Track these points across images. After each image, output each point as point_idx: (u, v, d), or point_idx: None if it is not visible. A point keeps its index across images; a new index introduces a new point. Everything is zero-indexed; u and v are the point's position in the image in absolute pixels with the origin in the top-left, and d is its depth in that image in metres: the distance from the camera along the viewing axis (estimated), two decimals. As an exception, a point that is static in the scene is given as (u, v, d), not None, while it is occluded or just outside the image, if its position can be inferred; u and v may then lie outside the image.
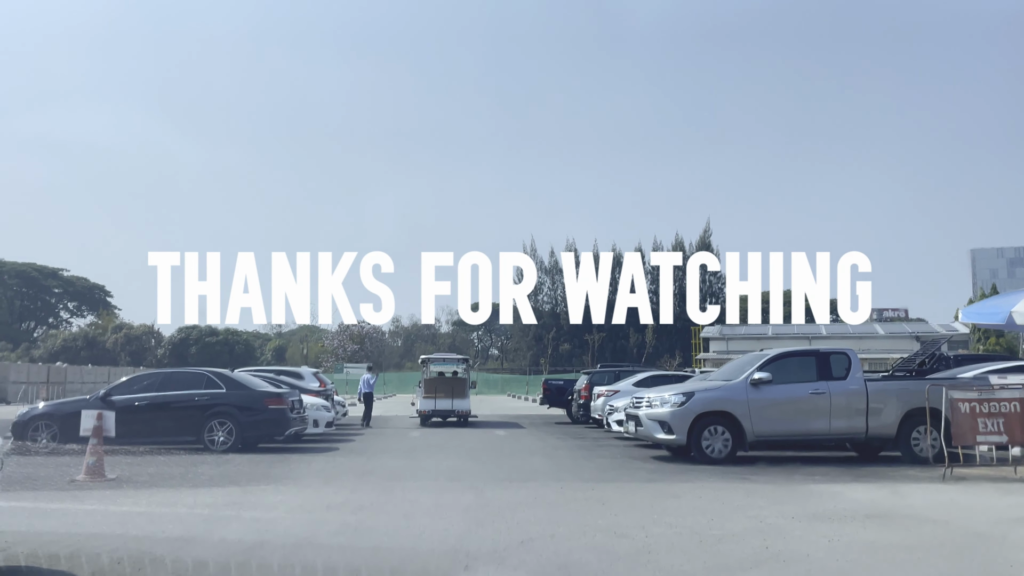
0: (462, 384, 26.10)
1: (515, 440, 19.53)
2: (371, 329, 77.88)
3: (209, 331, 78.23)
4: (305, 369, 24.63)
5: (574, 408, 25.61)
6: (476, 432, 22.45)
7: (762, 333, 70.27)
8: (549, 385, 27.48)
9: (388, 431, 23.13)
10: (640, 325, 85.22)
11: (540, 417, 30.50)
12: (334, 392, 24.35)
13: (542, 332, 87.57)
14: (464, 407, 25.33)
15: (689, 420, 13.51)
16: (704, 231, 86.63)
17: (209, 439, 15.82)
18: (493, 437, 20.59)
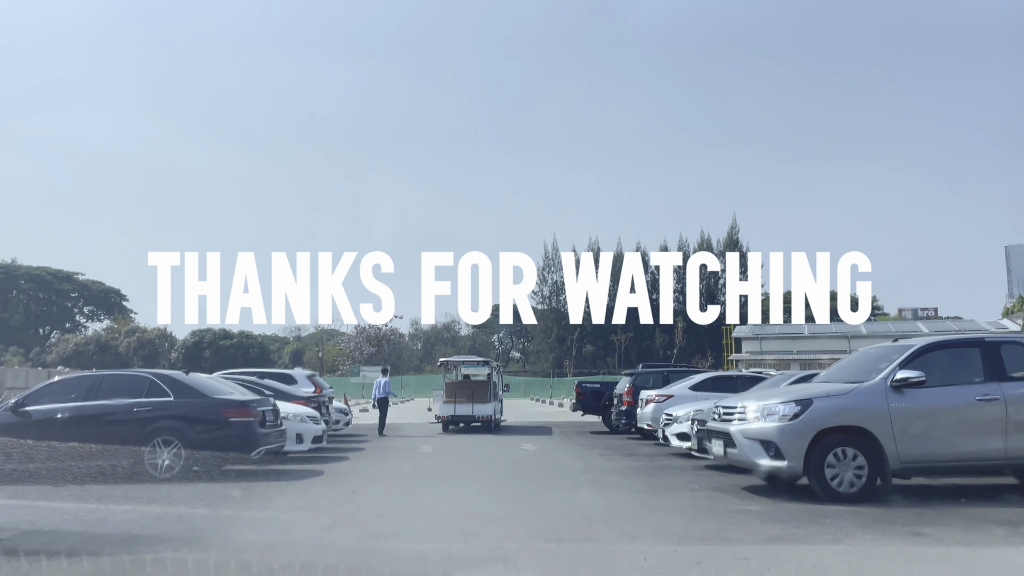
0: (483, 388, 23.52)
1: (548, 457, 15.33)
2: (388, 331, 73.95)
3: (223, 334, 74.69)
4: (299, 371, 20.57)
5: (613, 415, 21.36)
6: (499, 445, 18.29)
7: (797, 332, 65.59)
8: (583, 389, 23.20)
9: (395, 444, 19.03)
10: (665, 325, 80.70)
11: (571, 425, 26.25)
12: (330, 399, 20.27)
13: (565, 334, 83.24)
14: (485, 412, 22.95)
15: (807, 439, 9.25)
16: (731, 227, 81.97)
17: (151, 463, 11.77)
18: (520, 453, 16.41)
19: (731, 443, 9.89)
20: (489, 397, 23.12)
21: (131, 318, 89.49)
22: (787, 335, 64.87)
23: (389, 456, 15.88)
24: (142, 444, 11.82)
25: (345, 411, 22.44)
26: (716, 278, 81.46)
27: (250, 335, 78.95)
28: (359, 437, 21.33)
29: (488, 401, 22.97)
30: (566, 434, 22.09)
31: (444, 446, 18.37)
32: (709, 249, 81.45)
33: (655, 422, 17.30)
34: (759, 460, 9.50)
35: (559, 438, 20.59)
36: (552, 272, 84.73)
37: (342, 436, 21.37)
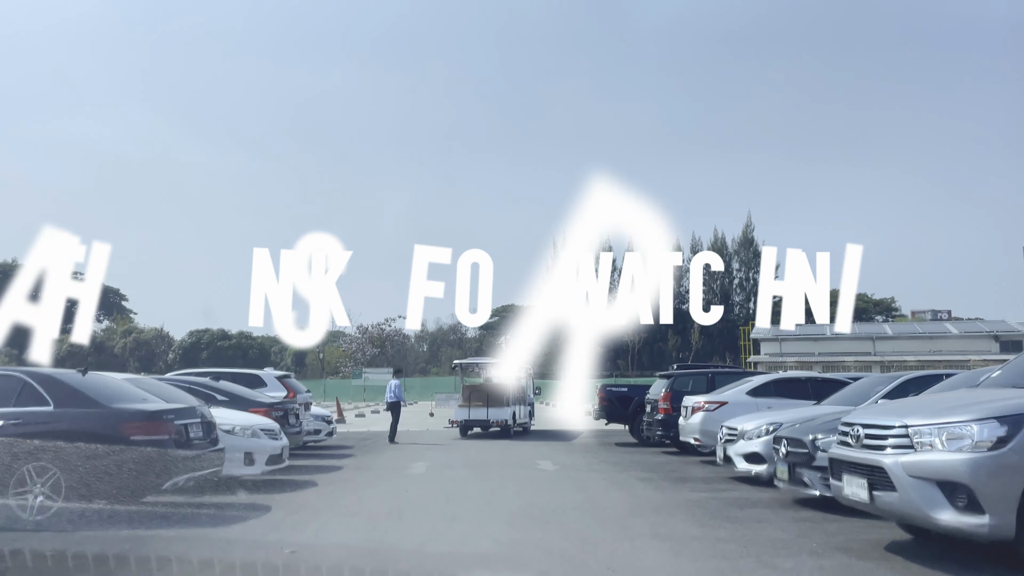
0: (500, 391, 21.78)
1: (575, 484, 11.61)
2: (392, 331, 70.24)
3: (221, 334, 71.20)
4: (268, 372, 16.85)
5: (644, 425, 17.61)
6: (510, 462, 14.60)
7: (819, 334, 61.49)
8: (609, 394, 19.39)
9: (383, 460, 15.41)
10: (678, 326, 76.90)
11: (592, 434, 22.53)
12: (307, 404, 16.62)
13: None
14: (501, 416, 21.16)
15: (1021, 481, 5.55)
16: (746, 225, 78.14)
17: (18, 501, 8.14)
18: (537, 476, 12.71)
19: (884, 483, 6.14)
20: (507, 401, 21.30)
21: (131, 318, 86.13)
22: (808, 336, 60.91)
23: (367, 481, 12.20)
24: (8, 476, 8.20)
25: (328, 418, 18.77)
26: (729, 277, 77.67)
27: (249, 336, 75.46)
28: (342, 450, 17.66)
29: (506, 405, 21.16)
30: (588, 447, 18.39)
31: (443, 463, 14.68)
32: (723, 247, 77.67)
33: (706, 436, 13.60)
34: (937, 513, 5.76)
35: (582, 452, 16.90)
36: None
37: (322, 449, 17.71)
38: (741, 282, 77.53)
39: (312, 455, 16.03)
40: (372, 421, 31.09)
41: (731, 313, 77.94)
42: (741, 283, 77.56)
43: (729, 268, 77.40)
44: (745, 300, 77.83)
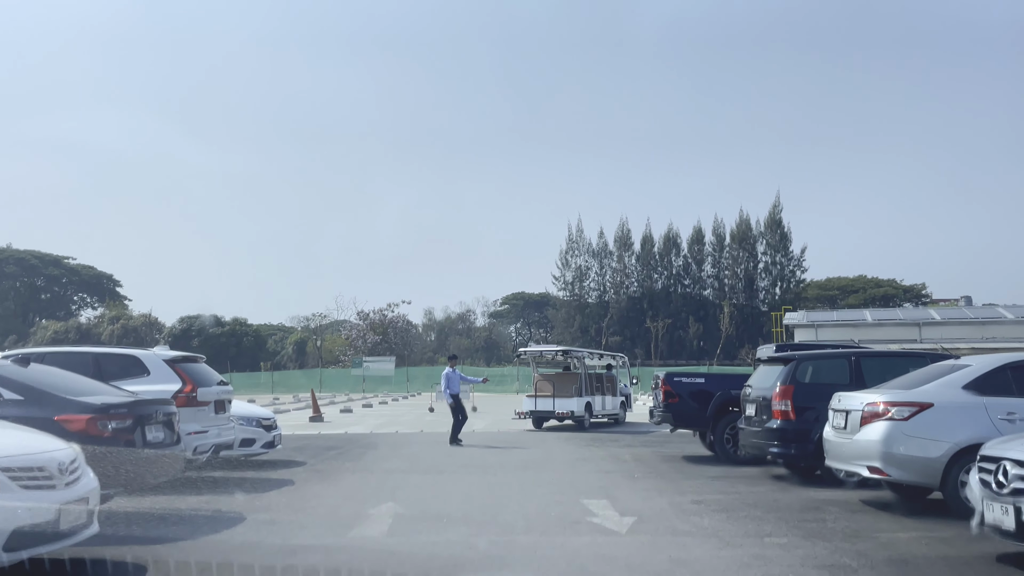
0: (569, 381, 20.49)
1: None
2: (395, 317, 63.89)
3: (214, 321, 65.03)
4: (154, 353, 10.33)
5: (745, 435, 11.10)
6: (545, 510, 8.22)
7: (859, 319, 54.79)
8: (677, 385, 12.75)
9: (324, 503, 9.07)
10: (700, 314, 70.43)
11: (637, 437, 16.24)
12: (221, 403, 10.27)
13: (588, 323, 73.00)
14: (567, 408, 19.72)
15: None
16: (773, 206, 71.25)
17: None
18: (594, 550, 6.35)
19: None
20: (577, 391, 19.88)
21: (125, 305, 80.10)
22: (847, 322, 54.23)
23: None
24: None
25: (268, 421, 12.48)
26: (753, 261, 70.95)
27: (244, 323, 69.14)
28: (281, 468, 11.39)
29: (575, 395, 19.75)
30: (653, 467, 12.01)
31: (420, 511, 8.34)
32: (748, 230, 70.86)
33: (898, 465, 7.30)
34: None
35: (651, 480, 10.52)
36: (576, 256, 74.32)
37: (255, 466, 11.44)
38: (767, 266, 70.77)
39: (242, 472, 9.73)
40: (360, 417, 24.81)
41: (755, 299, 71.39)
42: (767, 267, 70.80)
43: (754, 251, 70.69)
44: (771, 285, 71.11)
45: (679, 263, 73.08)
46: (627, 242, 73.67)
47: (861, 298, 78.53)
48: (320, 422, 22.40)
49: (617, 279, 73.34)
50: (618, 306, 71.30)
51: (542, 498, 8.95)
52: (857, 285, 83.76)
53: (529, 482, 10.28)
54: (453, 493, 9.49)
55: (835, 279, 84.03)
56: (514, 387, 54.34)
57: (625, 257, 73.55)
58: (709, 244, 72.37)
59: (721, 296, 71.17)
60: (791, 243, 70.59)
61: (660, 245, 73.06)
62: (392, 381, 53.89)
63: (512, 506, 8.42)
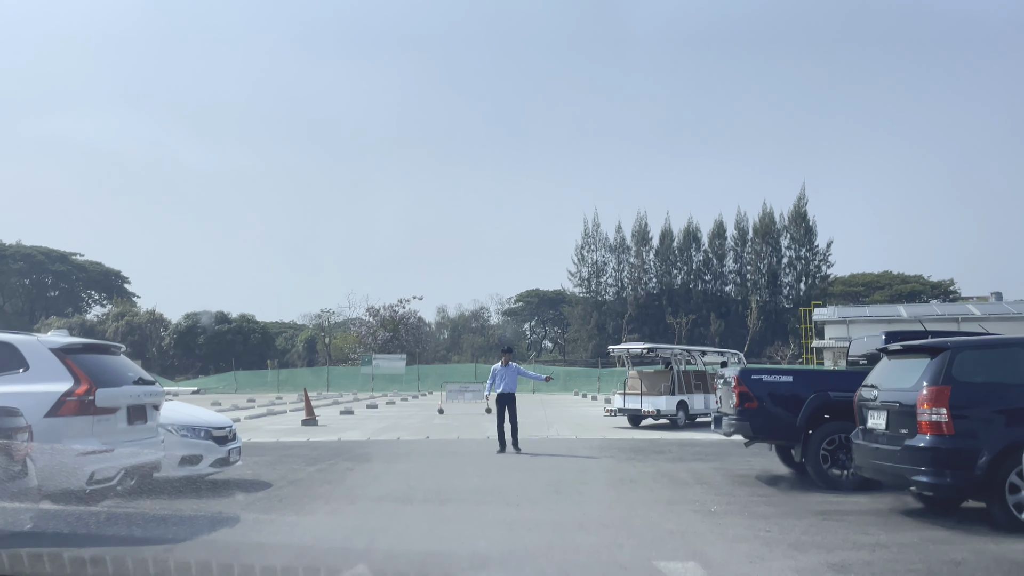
0: (659, 379, 19.61)
1: None
2: (406, 313, 60.87)
3: (220, 317, 62.26)
4: (37, 340, 7.19)
5: (853, 450, 7.98)
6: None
7: (893, 315, 51.34)
8: (756, 386, 9.45)
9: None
10: (721, 311, 67.07)
11: (695, 454, 13.13)
12: (131, 409, 7.24)
13: (606, 320, 69.75)
14: (655, 406, 18.68)
15: None
16: (799, 198, 67.63)
17: None
18: None
19: None
20: (668, 389, 19.20)
21: (133, 302, 77.58)
22: (881, 318, 50.80)
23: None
24: None
25: (222, 432, 9.40)
26: (777, 256, 67.46)
27: (252, 319, 66.27)
28: (231, 495, 8.36)
29: (664, 394, 19.06)
30: (725, 492, 8.88)
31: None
32: (771, 224, 67.39)
33: None
34: None
35: (742, 520, 7.37)
36: (592, 251, 71.08)
37: (197, 492, 8.39)
38: (791, 261, 67.22)
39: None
40: (361, 420, 21.80)
41: (779, 295, 67.94)
42: (791, 262, 67.24)
43: (777, 245, 67.19)
44: (796, 280, 67.56)
45: (699, 258, 69.73)
46: (645, 236, 70.39)
47: (887, 295, 74.87)
48: (313, 426, 19.41)
49: (635, 275, 70.07)
50: (636, 302, 67.99)
51: (592, 555, 5.86)
52: (882, 281, 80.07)
53: (568, 522, 7.18)
54: (458, 544, 6.40)
55: (859, 275, 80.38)
56: (530, 386, 51.27)
57: (643, 252, 70.26)
58: (731, 238, 69.02)
59: (744, 292, 67.79)
60: (816, 237, 67.08)
61: (680, 239, 69.76)
62: (403, 380, 50.95)
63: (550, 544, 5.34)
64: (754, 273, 67.74)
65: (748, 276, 68.31)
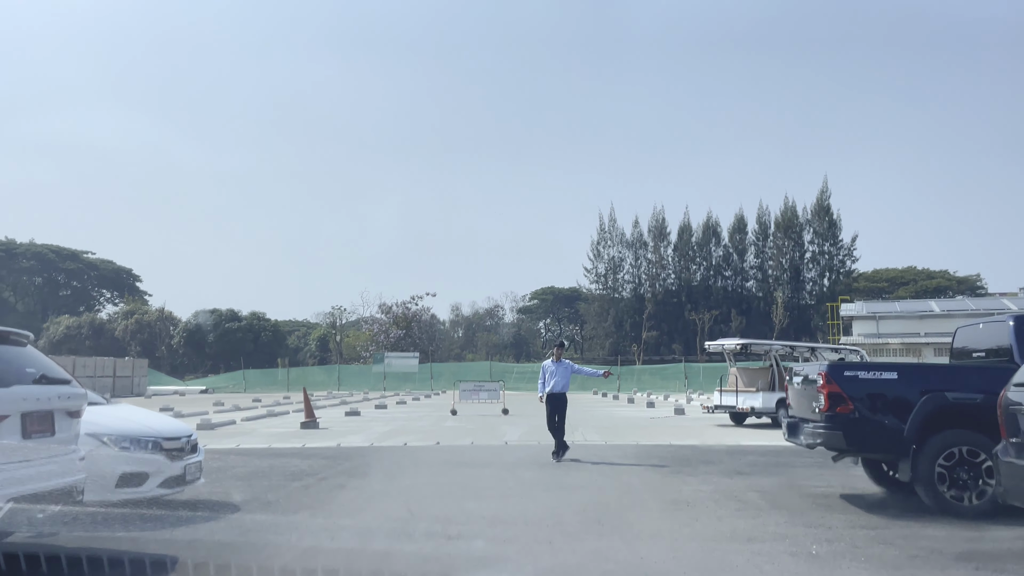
0: (757, 376, 18.57)
1: None
2: (419, 310, 58.91)
3: (230, 315, 60.58)
4: None
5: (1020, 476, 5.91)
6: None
7: (924, 310, 48.94)
8: (851, 384, 7.13)
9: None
10: (743, 307, 64.72)
11: (750, 464, 11.07)
12: (40, 415, 5.27)
13: (623, 317, 67.53)
14: (749, 403, 17.63)
15: None
16: (821, 191, 65.15)
17: None
18: None
19: None
20: (767, 386, 18.04)
21: (145, 300, 76.20)
22: (911, 313, 48.42)
23: None
24: None
25: (178, 444, 7.41)
26: (800, 250, 65.02)
27: (263, 317, 64.53)
28: (176, 528, 6.34)
29: (763, 390, 17.88)
30: (813, 521, 6.80)
31: None
32: (793, 218, 64.97)
33: None
34: None
35: (861, 571, 5.30)
36: (608, 247, 68.91)
37: (138, 523, 6.38)
38: (814, 255, 64.76)
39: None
40: (366, 422, 19.83)
41: (802, 290, 65.49)
42: (814, 257, 64.78)
43: (800, 240, 64.72)
44: (819, 276, 65.10)
45: (719, 253, 67.42)
46: (663, 231, 68.16)
47: (912, 290, 72.24)
48: (313, 429, 17.47)
49: (653, 271, 67.86)
50: (654, 299, 65.74)
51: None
52: (907, 277, 77.41)
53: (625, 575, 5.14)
54: None
55: (883, 271, 77.78)
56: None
57: (661, 247, 68.03)
58: (752, 233, 66.66)
59: (765, 288, 65.43)
60: (840, 231, 64.57)
61: (699, 235, 67.49)
62: (415, 379, 49.04)
63: None
64: (776, 268, 65.36)
65: (770, 271, 65.95)
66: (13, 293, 77.76)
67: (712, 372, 48.51)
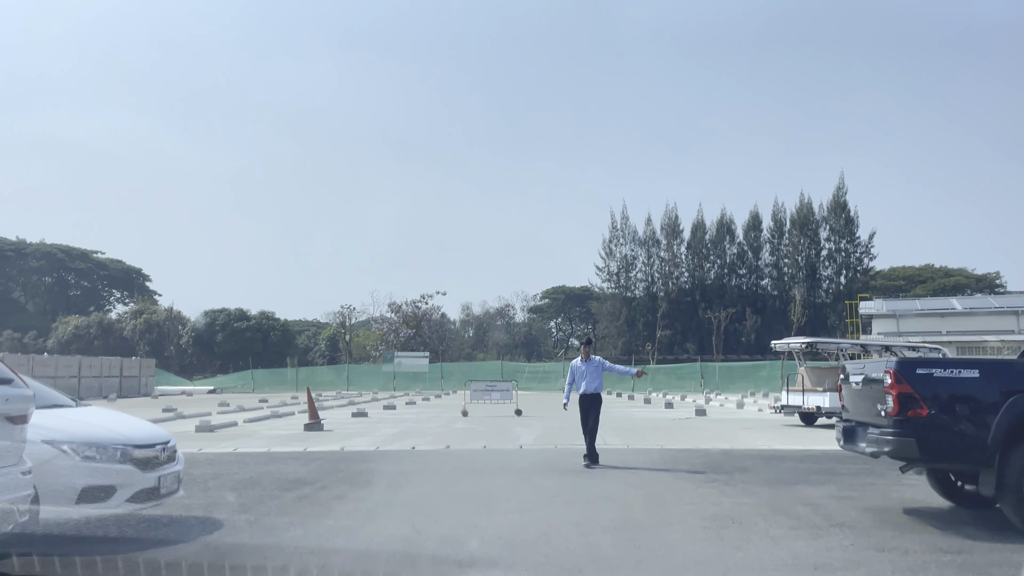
0: (826, 374, 17.89)
1: None
2: (429, 309, 58.03)
3: (239, 315, 59.88)
4: None
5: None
6: None
7: (947, 308, 47.39)
8: (925, 384, 6.14)
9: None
10: (757, 306, 63.44)
11: (793, 473, 10.07)
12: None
13: (636, 316, 66.35)
14: (816, 402, 17.41)
15: None
16: (838, 188, 63.72)
17: None
18: None
19: None
20: (834, 386, 15.97)
21: (155, 300, 75.65)
22: (933, 311, 46.92)
23: None
24: None
25: (151, 453, 6.47)
26: (816, 248, 63.65)
27: (272, 316, 63.78)
28: (142, 550, 5.37)
29: (830, 390, 16.91)
30: (892, 548, 5.79)
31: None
32: (809, 214, 63.64)
33: None
34: None
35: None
36: (621, 245, 67.72)
37: (101, 545, 5.42)
38: (831, 253, 63.38)
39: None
40: (373, 424, 18.90)
41: (818, 288, 64.10)
42: (831, 254, 63.41)
43: (816, 237, 63.36)
44: (835, 274, 63.69)
45: (734, 251, 66.08)
46: (676, 229, 66.89)
47: (929, 288, 70.74)
48: (317, 431, 16.56)
49: (666, 269, 66.63)
50: (668, 297, 64.54)
51: None
52: (924, 275, 75.90)
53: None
54: None
55: (899, 268, 76.32)
56: (559, 384, 48.28)
57: (674, 245, 66.77)
58: (767, 230, 65.28)
59: (781, 286, 64.12)
60: (857, 228, 63.13)
61: (713, 232, 66.18)
62: (426, 378, 48.14)
63: None
64: (792, 266, 64.03)
65: (785, 269, 64.61)
66: (23, 293, 77.42)
67: (729, 372, 47.34)
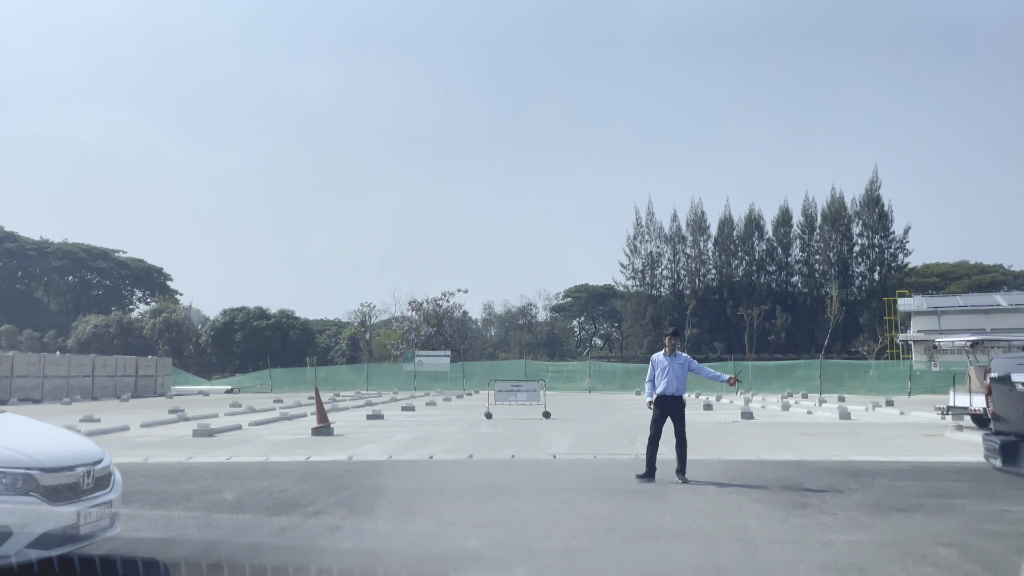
0: None
1: None
2: (451, 307, 56.33)
3: (258, 313, 58.51)
4: None
5: None
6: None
7: (991, 304, 45.09)
8: None
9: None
10: (788, 303, 61.03)
11: (900, 491, 8.15)
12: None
13: (661, 314, 64.14)
14: (979, 404, 15.89)
15: None
16: (871, 181, 61.10)
17: None
18: None
19: None
20: None
21: (176, 299, 74.66)
22: (975, 308, 44.60)
23: None
24: None
25: (70, 478, 4.69)
26: (848, 244, 61.06)
27: (291, 315, 62.32)
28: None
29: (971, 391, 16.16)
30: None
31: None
32: (841, 209, 61.09)
33: None
34: None
35: None
36: (645, 242, 65.52)
37: None
38: (864, 249, 60.76)
39: None
40: (389, 427, 17.09)
41: (851, 285, 61.53)
42: (864, 250, 60.79)
43: (848, 233, 60.78)
44: (868, 270, 61.08)
45: (762, 247, 63.63)
46: (702, 225, 64.59)
47: (964, 285, 67.91)
48: (326, 435, 14.82)
49: (692, 266, 64.38)
50: (694, 295, 62.29)
51: None
52: (959, 271, 72.98)
53: None
54: None
55: (933, 265, 73.47)
56: (584, 384, 46.33)
57: (701, 242, 64.47)
58: (797, 226, 62.76)
59: (812, 283, 61.63)
60: (892, 223, 60.47)
61: (740, 228, 63.78)
62: (447, 378, 46.40)
63: None
64: (823, 263, 61.53)
65: (816, 266, 62.10)
66: (46, 292, 76.85)
67: (763, 372, 45.03)
